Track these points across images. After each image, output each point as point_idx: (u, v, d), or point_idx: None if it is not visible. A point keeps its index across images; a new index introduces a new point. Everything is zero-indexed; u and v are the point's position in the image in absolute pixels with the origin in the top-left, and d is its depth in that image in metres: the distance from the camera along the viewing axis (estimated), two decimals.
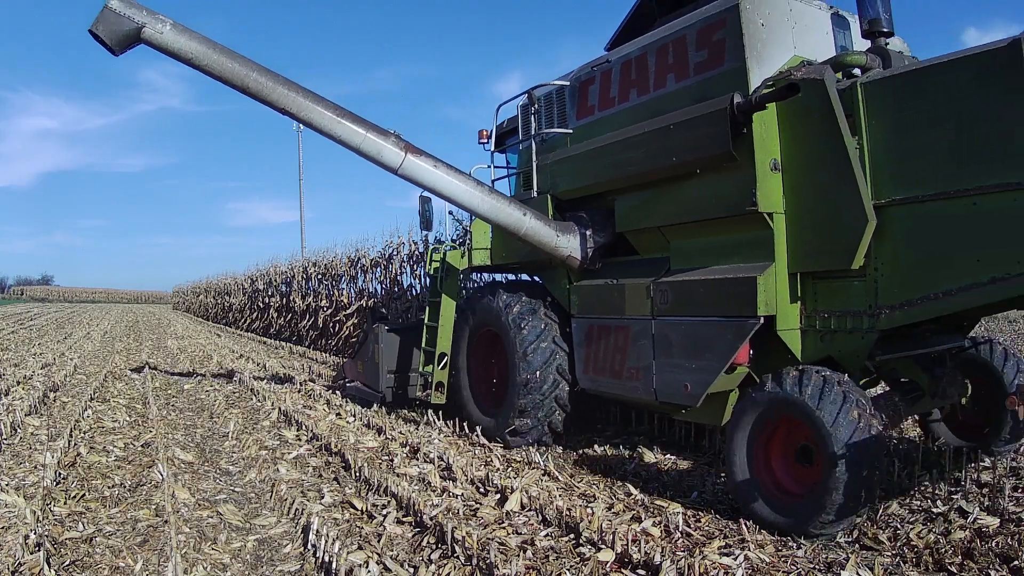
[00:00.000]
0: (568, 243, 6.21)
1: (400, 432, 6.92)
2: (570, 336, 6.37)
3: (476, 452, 6.23)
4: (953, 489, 4.64)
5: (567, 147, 6.44)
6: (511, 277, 8.32)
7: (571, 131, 6.41)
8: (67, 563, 3.86)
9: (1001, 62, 3.94)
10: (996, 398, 5.11)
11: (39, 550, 3.78)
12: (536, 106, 6.78)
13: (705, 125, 4.95)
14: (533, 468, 5.60)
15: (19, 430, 6.97)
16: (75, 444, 6.44)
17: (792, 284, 4.78)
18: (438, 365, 7.37)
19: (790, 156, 4.77)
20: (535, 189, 6.74)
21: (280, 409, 8.18)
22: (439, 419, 7.47)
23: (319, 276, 19.54)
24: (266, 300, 25.03)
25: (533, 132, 6.73)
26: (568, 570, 3.63)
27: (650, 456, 5.90)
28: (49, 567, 3.68)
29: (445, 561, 3.79)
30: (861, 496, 3.99)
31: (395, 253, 14.74)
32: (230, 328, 30.10)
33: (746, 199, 4.72)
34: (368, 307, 14.52)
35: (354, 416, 7.84)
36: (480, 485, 5.07)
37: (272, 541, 4.28)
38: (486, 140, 7.57)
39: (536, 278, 7.35)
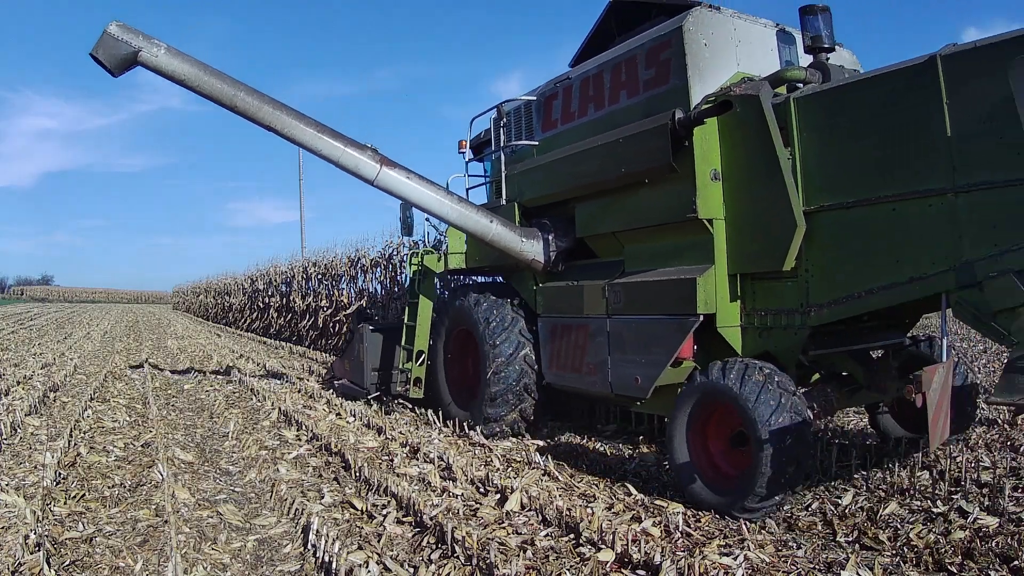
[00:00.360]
0: (532, 248, 6.70)
1: (400, 432, 6.92)
2: (537, 333, 6.83)
3: (476, 452, 6.23)
4: (953, 489, 4.64)
5: (533, 158, 6.92)
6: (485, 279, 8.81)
7: (537, 143, 6.91)
8: (67, 563, 3.86)
9: (918, 77, 4.26)
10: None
11: (39, 550, 3.78)
12: (505, 120, 7.27)
13: (649, 139, 5.37)
14: (533, 468, 5.60)
15: (19, 430, 6.97)
16: (75, 444, 6.44)
17: (732, 285, 5.17)
18: (416, 362, 7.88)
19: (729, 166, 5.14)
20: (504, 197, 7.26)
21: (280, 409, 8.18)
22: (439, 419, 7.48)
23: (319, 276, 19.54)
24: (266, 300, 25.04)
25: (502, 144, 7.25)
26: (568, 570, 3.63)
27: (650, 456, 5.90)
28: (49, 567, 3.68)
29: (445, 561, 3.79)
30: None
31: (395, 253, 14.74)
32: (230, 328, 30.10)
33: (687, 207, 5.14)
34: (356, 308, 14.98)
35: (354, 416, 7.84)
36: (480, 485, 5.07)
37: (272, 541, 4.28)
38: (464, 150, 8.07)
39: (507, 280, 7.75)
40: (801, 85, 5.15)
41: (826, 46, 5.27)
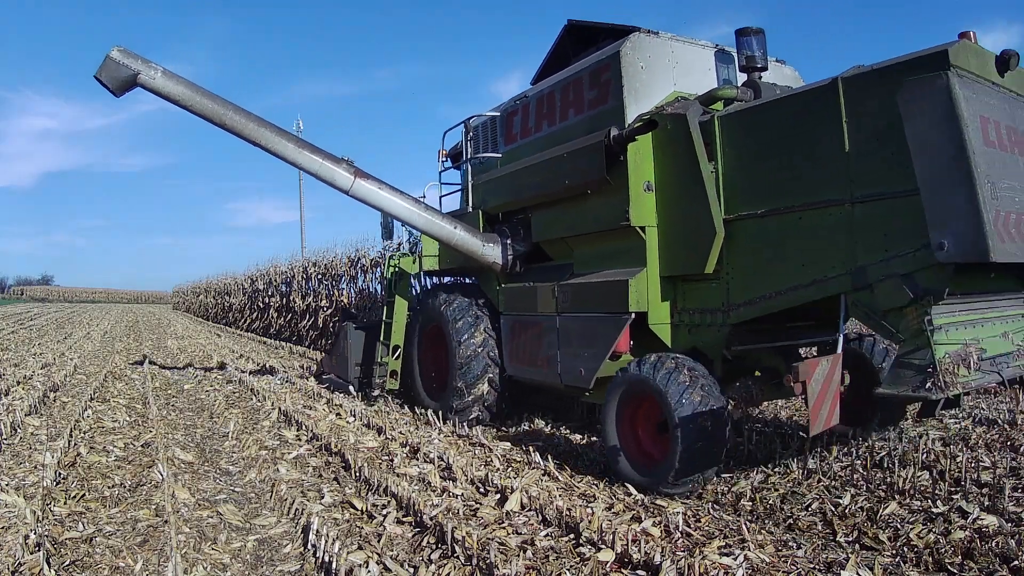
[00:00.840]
0: (492, 251, 7.34)
1: (400, 432, 6.92)
2: (500, 330, 7.41)
3: (476, 452, 6.23)
4: (953, 489, 4.64)
5: (496, 169, 7.56)
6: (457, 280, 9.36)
7: (500, 155, 7.54)
8: (67, 563, 3.85)
9: (822, 98, 4.69)
10: (871, 388, 5.42)
11: (39, 550, 3.78)
12: (472, 133, 7.96)
13: (588, 155, 5.94)
14: (533, 468, 5.60)
15: (19, 430, 6.97)
16: (75, 444, 6.44)
17: (663, 286, 5.69)
18: (392, 356, 8.69)
19: (661, 178, 5.66)
20: (470, 205, 7.93)
21: (280, 409, 8.18)
22: (439, 419, 7.48)
23: (319, 276, 19.54)
24: (266, 300, 25.04)
25: (469, 156, 7.91)
26: (568, 570, 3.63)
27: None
28: (49, 567, 3.68)
29: (445, 561, 3.79)
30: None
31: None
32: (230, 328, 30.10)
33: (621, 215, 5.66)
34: (342, 308, 16.14)
35: (354, 416, 7.84)
36: (480, 485, 5.07)
37: (272, 541, 4.28)
38: (443, 159, 8.69)
39: (474, 280, 8.37)
40: (738, 103, 5.56)
41: (759, 66, 5.75)
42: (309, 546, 4.06)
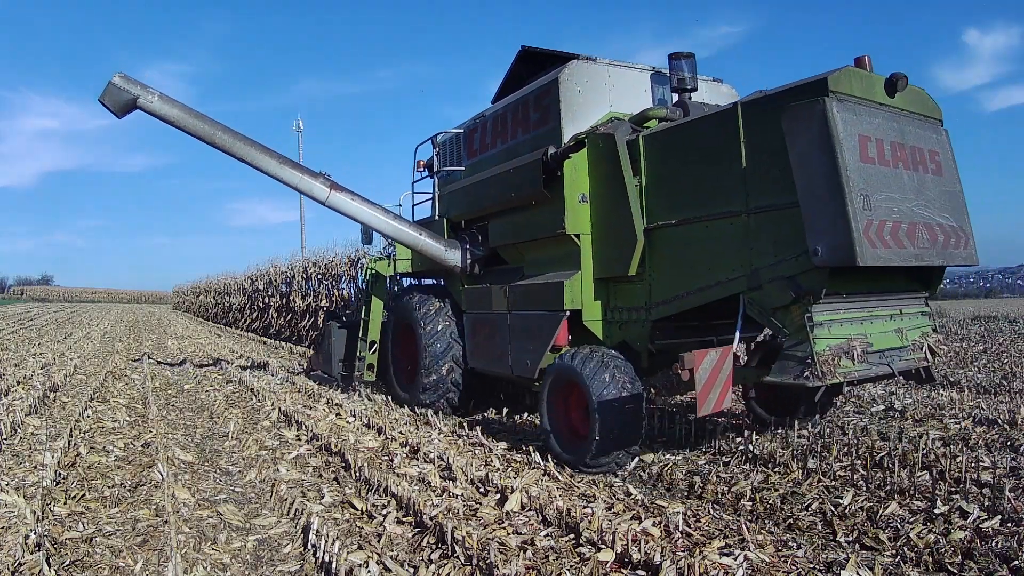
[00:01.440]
0: (453, 256, 8.16)
1: (400, 432, 6.92)
2: (463, 327, 8.11)
3: (476, 452, 6.23)
4: (953, 489, 4.64)
5: (458, 181, 8.35)
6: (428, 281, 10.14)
7: (463, 168, 8.32)
8: (67, 563, 3.85)
9: (726, 121, 5.32)
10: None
11: (39, 550, 3.78)
12: (439, 148, 8.72)
13: (529, 171, 6.65)
14: (533, 468, 5.60)
15: (19, 430, 6.97)
16: (75, 444, 6.43)
17: (596, 287, 6.35)
18: (369, 351, 9.52)
19: (593, 190, 6.28)
20: (437, 213, 8.70)
21: (280, 409, 8.18)
22: (439, 419, 7.48)
23: (319, 276, 19.55)
24: (266, 300, 25.03)
25: (436, 169, 8.72)
26: (568, 570, 3.63)
27: (650, 456, 5.90)
28: (49, 567, 3.68)
29: (445, 561, 3.79)
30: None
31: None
32: (230, 328, 30.09)
33: (559, 224, 6.32)
34: (327, 308, 17.30)
35: (354, 416, 7.84)
36: (480, 485, 5.07)
37: (272, 541, 4.28)
38: (421, 170, 9.19)
39: (441, 282, 9.17)
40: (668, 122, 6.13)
41: (688, 87, 6.36)
42: (309, 546, 4.05)
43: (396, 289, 10.46)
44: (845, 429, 6.51)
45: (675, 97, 6.48)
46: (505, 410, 7.92)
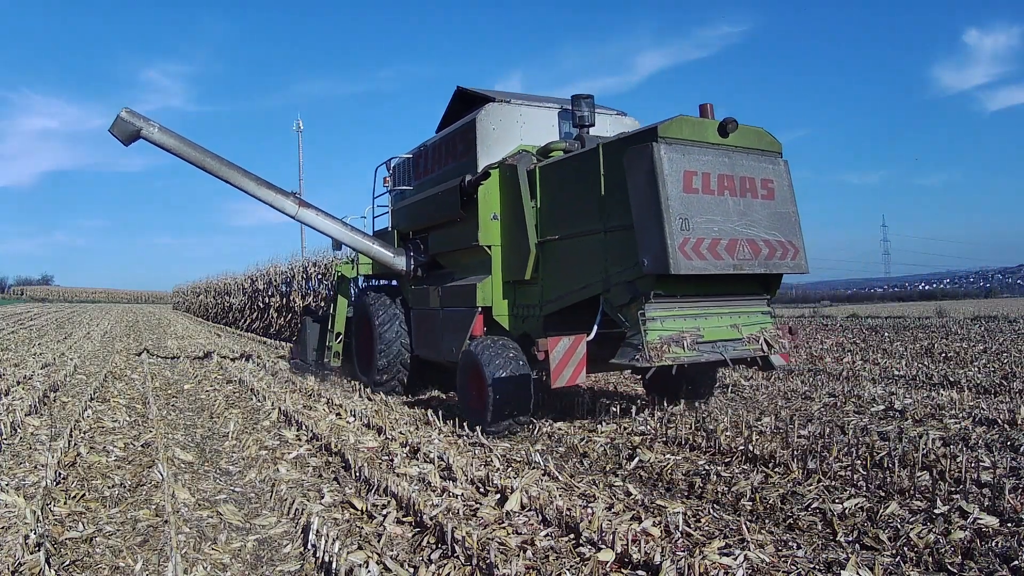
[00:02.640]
0: (400, 262, 9.82)
1: (400, 432, 6.92)
2: (412, 322, 9.68)
3: (476, 452, 6.22)
4: (953, 489, 4.64)
5: (406, 199, 10.06)
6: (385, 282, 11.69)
7: (411, 188, 9.96)
8: (67, 563, 3.85)
9: (591, 157, 6.69)
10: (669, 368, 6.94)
11: (39, 550, 3.77)
12: (393, 170, 10.52)
13: (450, 195, 8.33)
14: (533, 468, 5.60)
15: (19, 430, 6.97)
16: (75, 444, 6.43)
17: (504, 288, 7.89)
18: (336, 341, 11.17)
19: (501, 211, 7.81)
20: (391, 226, 10.51)
21: (280, 409, 8.17)
22: (439, 419, 7.48)
23: (319, 276, 19.53)
24: (266, 300, 25.03)
25: (391, 188, 10.50)
26: (568, 570, 3.62)
27: (650, 456, 5.89)
28: (49, 567, 3.67)
29: (445, 561, 3.78)
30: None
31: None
32: (230, 328, 30.08)
33: (474, 238, 7.90)
34: (303, 306, 19.39)
35: (354, 416, 7.83)
36: (480, 485, 5.06)
37: (272, 541, 4.28)
38: (387, 185, 10.64)
39: (394, 283, 10.79)
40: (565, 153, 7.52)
41: (586, 124, 7.91)
42: (309, 546, 4.05)
43: (358, 289, 11.57)
44: (845, 429, 6.51)
45: (576, 131, 7.97)
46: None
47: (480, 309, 7.87)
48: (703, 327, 6.25)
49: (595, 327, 6.56)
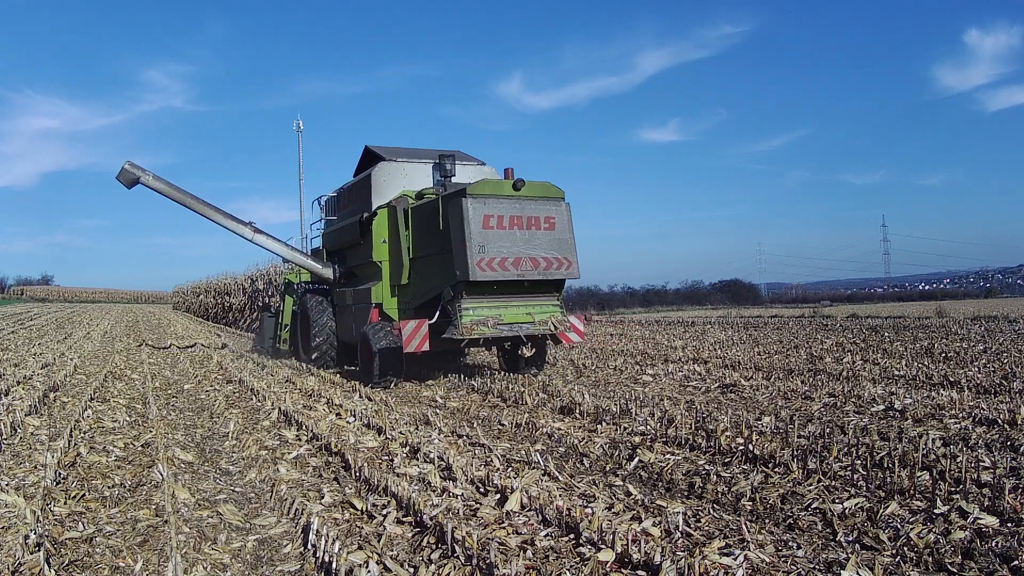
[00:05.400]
0: (327, 272, 13.54)
1: (400, 432, 6.91)
2: (336, 315, 13.27)
3: (476, 452, 6.22)
4: (953, 489, 4.64)
5: (330, 227, 14.09)
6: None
7: (336, 218, 13.93)
8: (67, 563, 3.85)
9: (436, 204, 10.27)
10: (515, 345, 11.12)
11: (39, 550, 3.78)
12: (323, 205, 14.53)
13: (353, 227, 12.21)
14: (533, 468, 5.59)
15: (19, 430, 6.97)
16: (75, 444, 6.43)
17: (391, 290, 11.43)
18: (284, 330, 15.76)
19: (388, 237, 11.41)
20: (322, 246, 14.51)
21: (280, 409, 8.17)
22: (439, 419, 7.47)
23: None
24: (266, 300, 25.00)
25: (321, 218, 14.68)
26: (568, 570, 3.62)
27: (650, 456, 5.89)
28: (49, 567, 3.67)
29: (445, 561, 3.78)
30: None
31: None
32: (230, 328, 30.07)
33: (370, 255, 11.62)
34: (262, 304, 24.76)
35: (354, 416, 7.83)
36: (480, 485, 5.06)
37: (272, 541, 4.28)
38: (323, 212, 14.65)
39: (325, 287, 14.09)
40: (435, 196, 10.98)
41: (450, 175, 11.11)
42: (309, 546, 4.05)
43: (299, 291, 14.98)
44: (845, 429, 6.51)
45: (458, 175, 11.32)
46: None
47: (375, 304, 11.38)
48: (503, 314, 9.71)
49: (436, 314, 9.98)
